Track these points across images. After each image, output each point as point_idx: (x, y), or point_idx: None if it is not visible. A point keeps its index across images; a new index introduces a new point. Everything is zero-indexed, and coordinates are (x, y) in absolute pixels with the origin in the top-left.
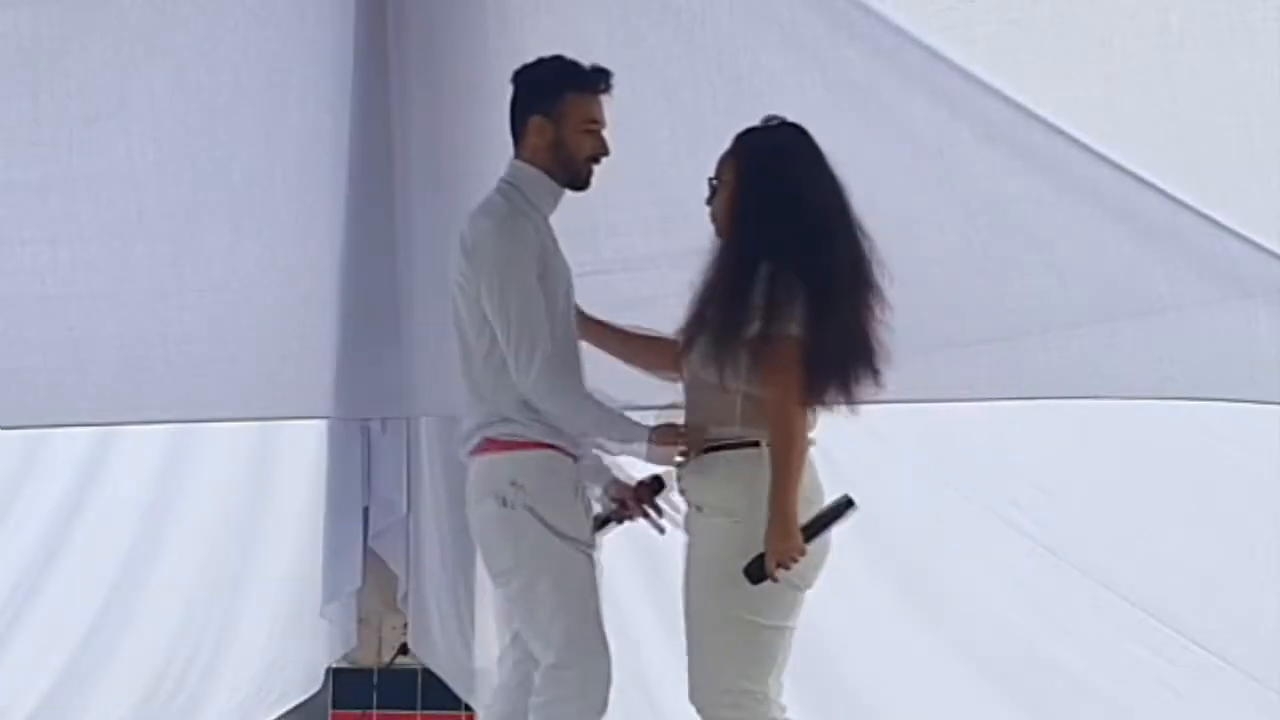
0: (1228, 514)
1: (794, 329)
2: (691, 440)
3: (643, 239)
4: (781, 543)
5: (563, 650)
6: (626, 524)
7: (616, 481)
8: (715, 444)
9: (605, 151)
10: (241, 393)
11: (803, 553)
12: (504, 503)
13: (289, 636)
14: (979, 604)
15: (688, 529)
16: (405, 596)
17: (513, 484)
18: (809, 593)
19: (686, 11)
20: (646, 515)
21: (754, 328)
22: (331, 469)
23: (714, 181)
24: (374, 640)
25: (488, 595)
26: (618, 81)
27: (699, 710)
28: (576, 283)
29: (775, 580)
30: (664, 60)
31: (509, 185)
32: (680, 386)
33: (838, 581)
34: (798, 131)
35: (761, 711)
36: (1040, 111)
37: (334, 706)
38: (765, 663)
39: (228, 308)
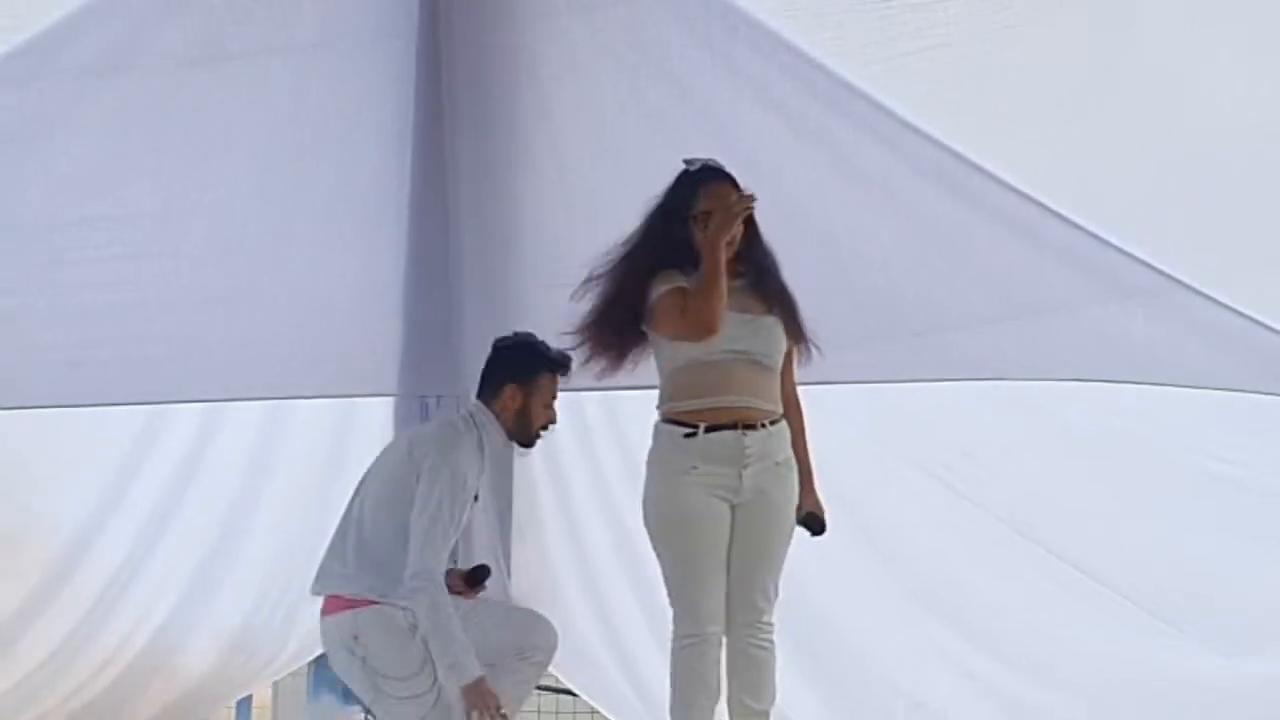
0: (1119, 471)
1: None
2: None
3: None
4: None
5: None
6: None
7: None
8: (776, 418)
9: (554, 422)
10: (324, 375)
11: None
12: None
13: None
14: (916, 544)
15: (764, 484)
16: (456, 549)
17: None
18: None
19: (681, 73)
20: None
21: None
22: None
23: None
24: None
25: (527, 553)
26: (627, 126)
27: (764, 624)
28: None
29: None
30: (661, 112)
31: (474, 421)
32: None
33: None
34: None
35: None
36: (961, 150)
37: None
38: None
39: (312, 308)
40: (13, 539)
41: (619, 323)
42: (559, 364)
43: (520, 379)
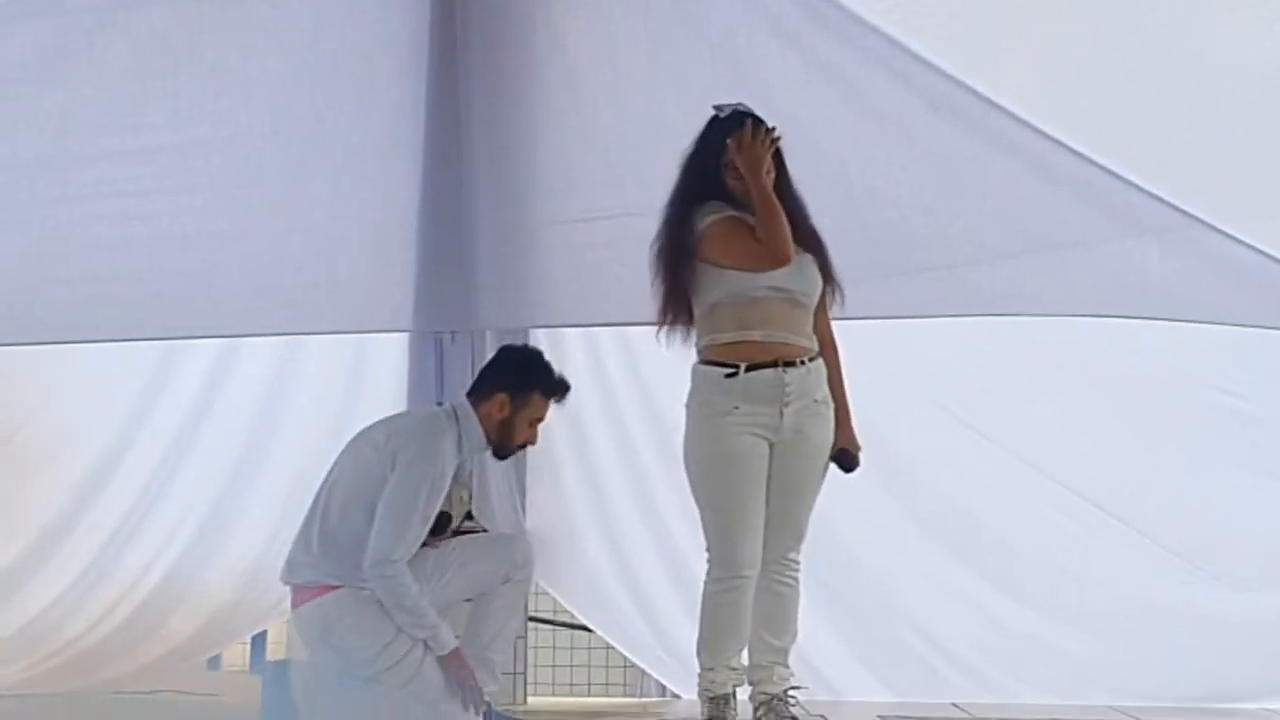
0: (1135, 407)
1: None
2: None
3: (658, 188)
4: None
5: None
6: None
7: None
8: (814, 355)
9: (534, 443)
10: (339, 310)
11: None
12: None
13: None
14: (928, 477)
15: (804, 423)
16: (470, 473)
17: None
18: None
19: (694, 8)
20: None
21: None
22: (411, 372)
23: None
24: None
25: (542, 491)
26: (641, 64)
27: (791, 562)
28: (604, 224)
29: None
30: (676, 46)
31: (455, 417)
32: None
33: None
34: None
35: None
36: (976, 86)
37: None
38: None
39: (328, 243)
40: (29, 475)
41: (682, 271)
42: (556, 389)
43: (514, 391)
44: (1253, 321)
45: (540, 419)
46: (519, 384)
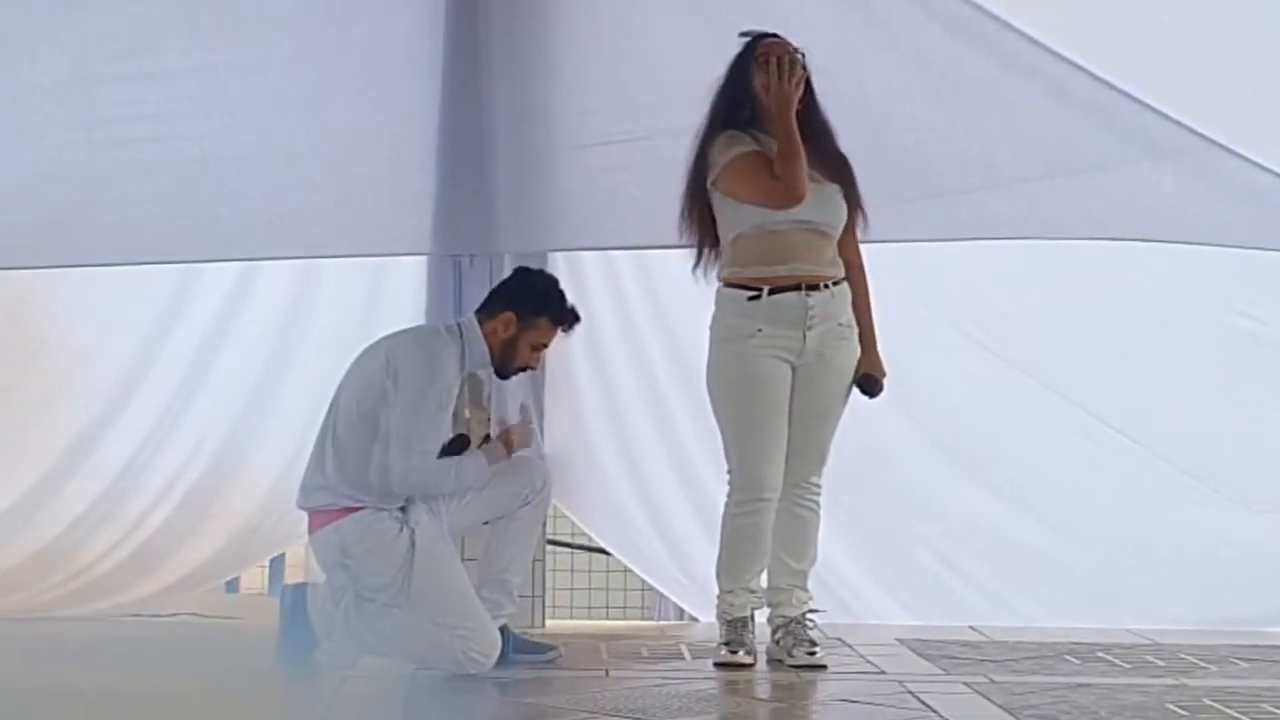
0: (1150, 329)
1: None
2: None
3: (678, 111)
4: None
5: None
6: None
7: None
8: (839, 279)
9: (535, 367)
10: (359, 234)
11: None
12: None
13: None
14: (946, 400)
15: (827, 346)
16: (489, 396)
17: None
18: None
19: None
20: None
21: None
22: (430, 296)
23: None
24: (462, 427)
25: (560, 412)
26: None
27: (812, 485)
28: (620, 148)
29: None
30: None
31: (459, 333)
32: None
33: None
34: None
35: None
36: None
37: None
38: None
39: (347, 167)
40: (50, 397)
41: (705, 202)
42: (565, 318)
43: (522, 311)
44: (1269, 245)
45: (545, 345)
46: (528, 306)
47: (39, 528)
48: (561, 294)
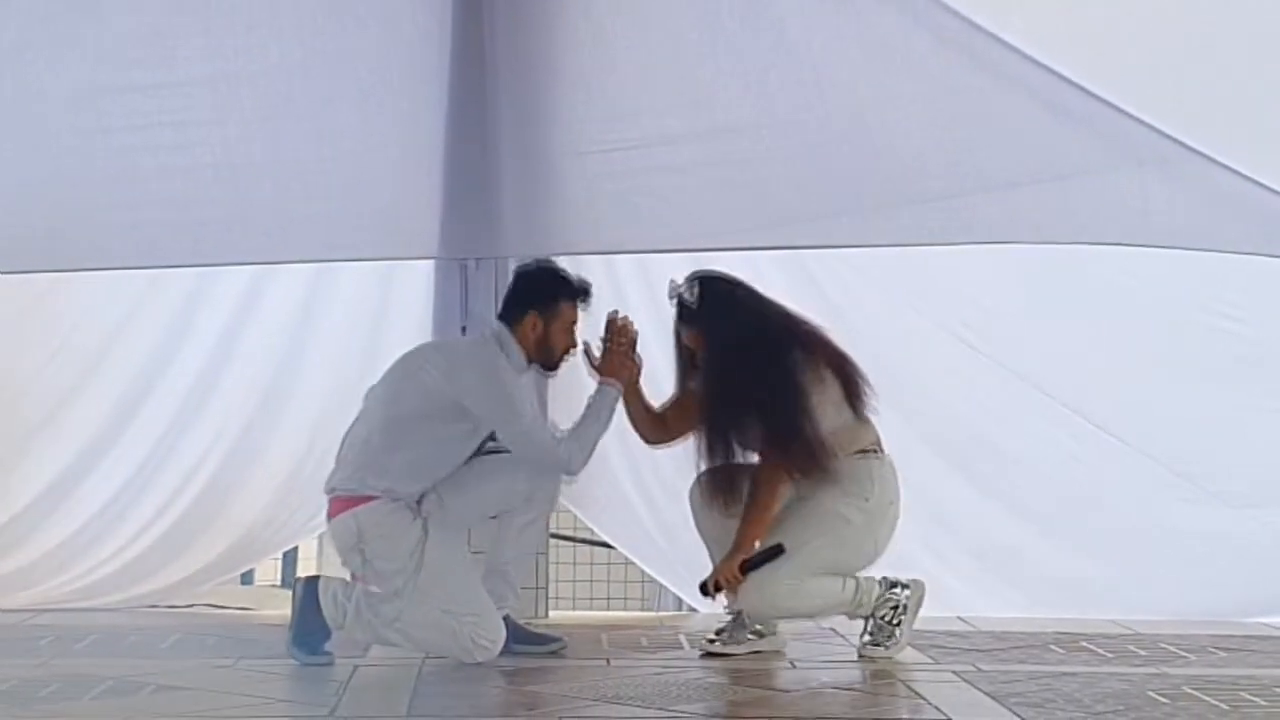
0: (1134, 330)
1: None
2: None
3: (674, 119)
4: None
5: None
6: None
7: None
8: None
9: (574, 346)
10: (368, 238)
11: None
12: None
13: None
14: (936, 399)
15: None
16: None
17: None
18: None
19: None
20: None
21: None
22: (437, 298)
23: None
24: None
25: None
26: None
27: None
28: (620, 156)
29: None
30: None
31: (499, 341)
32: None
33: None
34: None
35: None
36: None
37: None
38: None
39: (356, 172)
40: (66, 399)
41: None
42: (579, 293)
43: (541, 307)
44: (1248, 249)
45: (574, 323)
46: (544, 300)
47: (58, 523)
48: (565, 274)
